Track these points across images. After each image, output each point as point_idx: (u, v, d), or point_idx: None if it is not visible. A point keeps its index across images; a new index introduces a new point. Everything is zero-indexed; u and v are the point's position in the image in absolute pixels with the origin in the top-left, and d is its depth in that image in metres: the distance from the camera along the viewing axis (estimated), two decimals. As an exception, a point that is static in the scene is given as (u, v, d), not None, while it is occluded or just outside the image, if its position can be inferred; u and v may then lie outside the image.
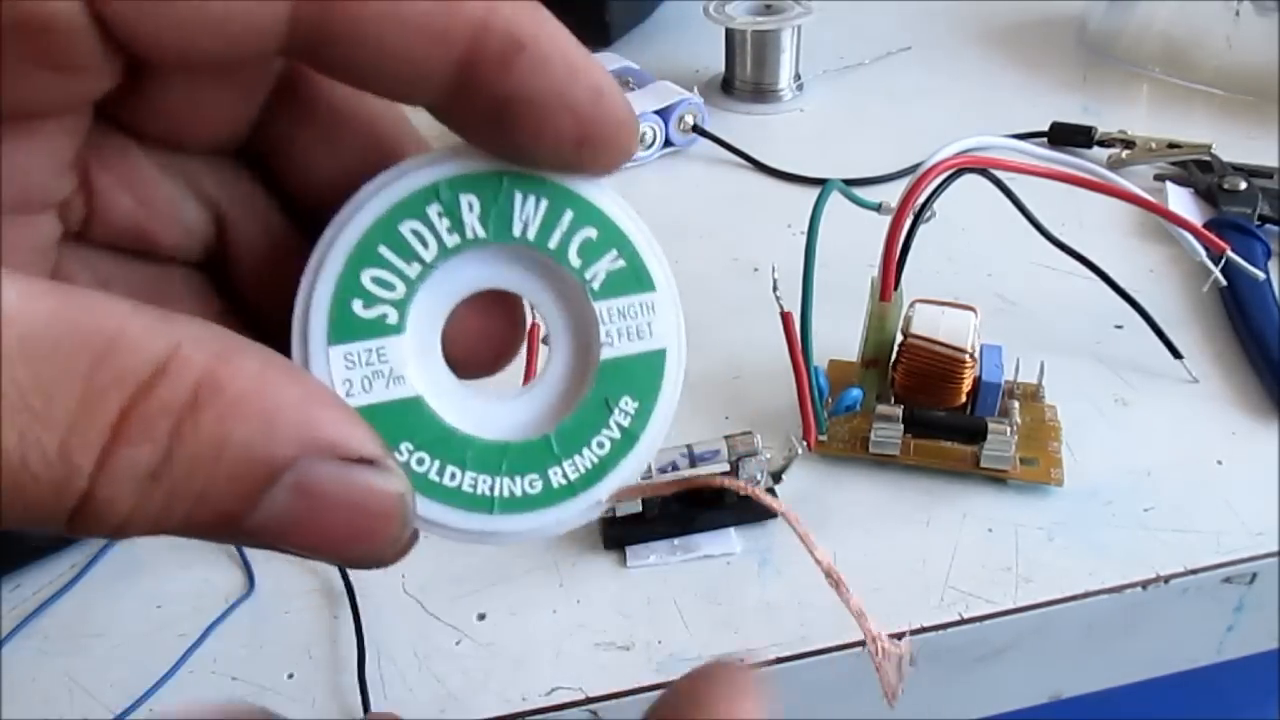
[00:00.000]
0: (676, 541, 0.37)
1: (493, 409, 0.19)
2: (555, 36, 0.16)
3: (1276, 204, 0.51)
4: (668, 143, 0.59)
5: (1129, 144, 0.57)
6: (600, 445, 0.19)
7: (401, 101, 0.17)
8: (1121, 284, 0.44)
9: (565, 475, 0.18)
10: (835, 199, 0.38)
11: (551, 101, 0.16)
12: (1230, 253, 0.43)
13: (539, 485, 0.18)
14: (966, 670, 0.35)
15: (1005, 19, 0.74)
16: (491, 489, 0.18)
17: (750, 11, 0.64)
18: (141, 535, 0.14)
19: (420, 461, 0.18)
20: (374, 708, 0.32)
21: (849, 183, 0.42)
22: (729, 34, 0.64)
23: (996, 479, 0.38)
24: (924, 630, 0.34)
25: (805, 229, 0.37)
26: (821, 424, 0.38)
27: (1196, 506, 0.37)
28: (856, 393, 0.40)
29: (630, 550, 0.37)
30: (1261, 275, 0.44)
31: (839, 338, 0.43)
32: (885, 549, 0.36)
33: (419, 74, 0.16)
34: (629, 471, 0.19)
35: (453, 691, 0.33)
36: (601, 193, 0.18)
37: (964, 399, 0.39)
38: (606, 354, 0.19)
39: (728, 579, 0.36)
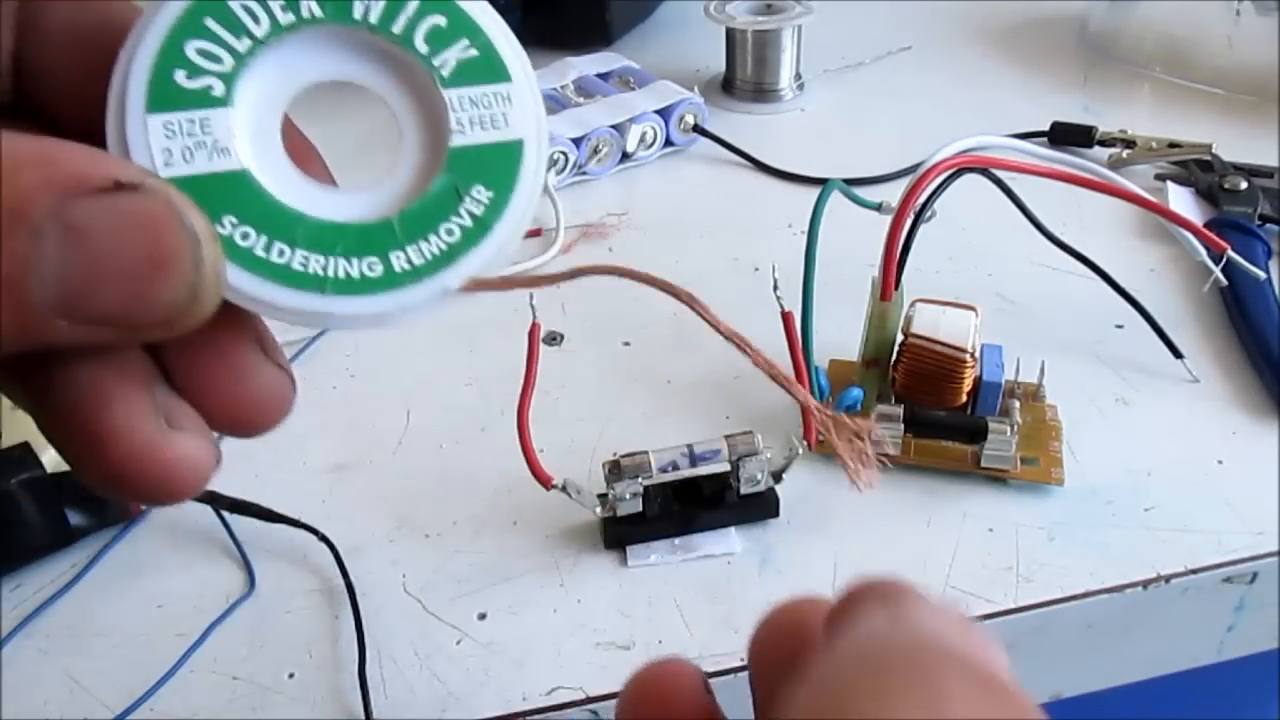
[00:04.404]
0: (677, 541, 0.37)
1: (334, 197, 0.18)
2: None
3: (1277, 203, 0.51)
4: (668, 142, 0.59)
5: (1130, 144, 0.57)
6: (449, 232, 0.18)
7: None
8: (1122, 284, 0.44)
9: (409, 260, 0.18)
10: (836, 199, 0.39)
11: None
12: (1231, 252, 0.43)
13: (379, 268, 0.18)
14: (967, 670, 0.35)
15: (1005, 19, 0.74)
16: (325, 269, 0.17)
17: (751, 11, 0.64)
18: None
19: (245, 236, 0.17)
20: (374, 707, 0.32)
21: (849, 182, 0.42)
22: (729, 34, 0.64)
23: (997, 479, 0.38)
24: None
25: (806, 229, 0.37)
26: (822, 424, 0.38)
27: (1197, 506, 0.37)
28: (857, 392, 0.40)
29: (631, 550, 0.37)
30: (1262, 275, 0.44)
31: (839, 337, 0.43)
32: (886, 549, 0.36)
33: None
34: (481, 261, 0.18)
35: (453, 691, 0.33)
36: None
37: (964, 399, 0.39)
38: (457, 141, 0.18)
39: (728, 579, 0.36)
